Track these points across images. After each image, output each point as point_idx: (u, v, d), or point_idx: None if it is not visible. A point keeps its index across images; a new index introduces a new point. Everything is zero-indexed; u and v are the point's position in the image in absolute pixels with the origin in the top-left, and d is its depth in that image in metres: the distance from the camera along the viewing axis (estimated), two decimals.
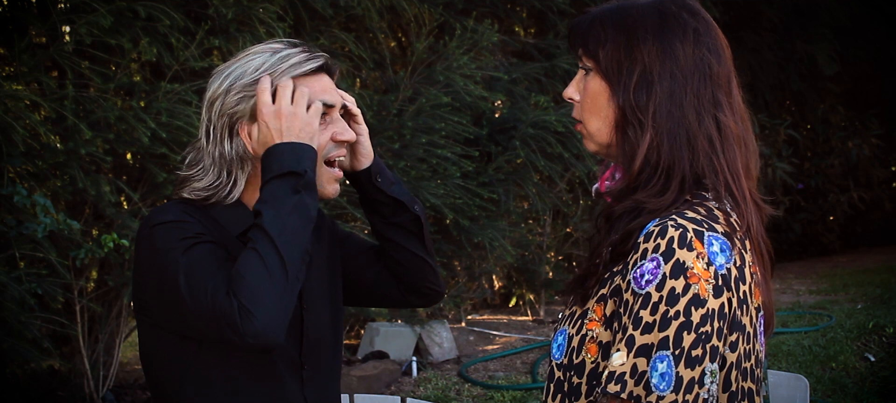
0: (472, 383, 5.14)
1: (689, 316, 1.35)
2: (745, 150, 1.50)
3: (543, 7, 6.42)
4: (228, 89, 1.68)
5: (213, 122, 1.69)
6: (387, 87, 5.55)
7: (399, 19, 5.65)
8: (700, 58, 1.46)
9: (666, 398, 1.34)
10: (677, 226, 1.38)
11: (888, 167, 10.69)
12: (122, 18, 3.84)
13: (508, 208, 5.95)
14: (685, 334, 1.34)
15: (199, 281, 1.56)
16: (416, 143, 5.18)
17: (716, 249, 1.38)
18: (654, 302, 1.36)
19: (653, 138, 1.44)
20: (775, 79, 9.30)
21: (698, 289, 1.35)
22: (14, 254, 3.74)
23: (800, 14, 9.25)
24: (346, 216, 5.09)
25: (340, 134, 1.72)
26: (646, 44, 1.46)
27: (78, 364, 4.30)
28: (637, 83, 1.46)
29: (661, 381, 1.34)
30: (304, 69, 1.69)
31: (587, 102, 1.51)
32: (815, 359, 5.23)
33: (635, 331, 1.36)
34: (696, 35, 1.48)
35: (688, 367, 1.35)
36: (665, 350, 1.35)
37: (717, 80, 1.47)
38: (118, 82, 3.93)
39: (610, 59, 1.48)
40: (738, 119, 1.50)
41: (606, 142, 1.51)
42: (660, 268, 1.36)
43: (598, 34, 1.50)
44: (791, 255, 9.73)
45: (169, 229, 1.61)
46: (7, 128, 3.50)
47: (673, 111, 1.45)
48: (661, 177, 1.44)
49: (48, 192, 3.88)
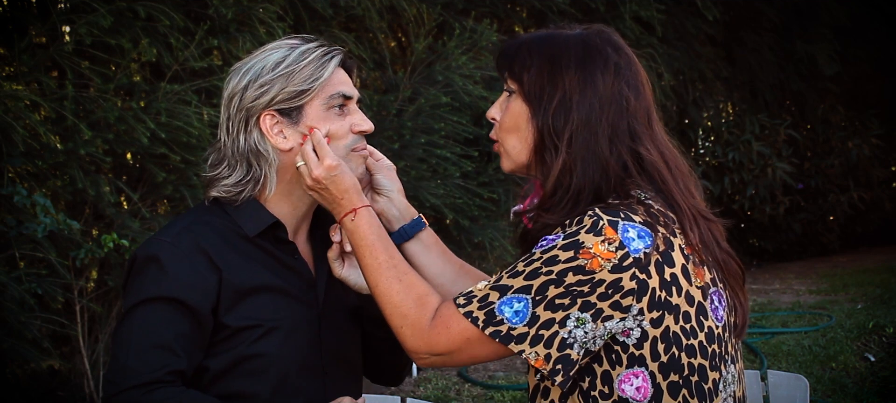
0: (472, 383, 5.14)
1: (562, 277, 1.45)
2: (678, 174, 1.57)
3: (543, 7, 6.42)
4: (247, 85, 1.71)
5: (231, 118, 1.73)
6: (387, 87, 5.55)
7: (399, 19, 5.64)
8: (618, 90, 1.54)
9: (517, 329, 1.45)
10: (593, 215, 1.47)
11: (888, 167, 10.68)
12: (122, 18, 3.83)
13: (508, 208, 5.94)
14: (552, 287, 1.45)
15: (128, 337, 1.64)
16: (415, 143, 5.18)
17: (632, 235, 1.46)
18: (533, 259, 1.47)
19: (566, 161, 1.52)
20: (775, 79, 9.29)
21: (586, 264, 1.44)
22: (14, 254, 3.74)
23: (800, 14, 9.24)
24: None
25: (358, 124, 1.76)
26: (568, 72, 1.54)
27: (78, 364, 4.29)
28: (556, 108, 1.53)
29: (515, 316, 1.46)
30: (322, 64, 1.72)
31: (507, 122, 1.60)
32: (815, 359, 5.23)
33: (504, 273, 1.49)
34: (617, 69, 1.55)
35: (548, 310, 1.45)
36: (525, 294, 1.46)
37: (634, 113, 1.55)
38: (118, 82, 3.93)
39: (533, 84, 1.56)
40: (663, 148, 1.58)
41: (524, 162, 1.60)
42: (556, 239, 1.47)
43: (524, 59, 1.57)
44: (791, 255, 9.73)
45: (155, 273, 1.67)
46: (7, 128, 3.50)
47: (588, 138, 1.52)
48: (570, 200, 1.52)
49: (48, 192, 3.88)
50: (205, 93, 4.09)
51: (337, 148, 1.73)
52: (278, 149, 1.72)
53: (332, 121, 1.73)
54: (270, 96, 1.69)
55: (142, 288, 1.67)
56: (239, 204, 1.74)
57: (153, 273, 1.66)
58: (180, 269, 1.66)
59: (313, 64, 1.71)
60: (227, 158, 1.74)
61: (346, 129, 1.74)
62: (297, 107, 1.71)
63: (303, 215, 1.80)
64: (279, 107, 1.70)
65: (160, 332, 1.64)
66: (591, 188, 1.52)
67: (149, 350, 1.62)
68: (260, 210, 1.74)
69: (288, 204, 1.77)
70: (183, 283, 1.66)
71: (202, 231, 1.71)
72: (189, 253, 1.67)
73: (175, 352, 1.63)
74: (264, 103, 1.70)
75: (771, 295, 7.31)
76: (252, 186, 1.73)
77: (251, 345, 1.69)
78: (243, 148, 1.72)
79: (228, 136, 1.74)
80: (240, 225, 1.73)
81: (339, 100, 1.74)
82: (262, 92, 1.70)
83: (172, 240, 1.69)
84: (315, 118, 1.72)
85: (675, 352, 1.48)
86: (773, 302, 7.04)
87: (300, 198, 1.77)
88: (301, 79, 1.70)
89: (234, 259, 1.70)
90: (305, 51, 1.72)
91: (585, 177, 1.52)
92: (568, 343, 1.45)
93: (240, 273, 1.70)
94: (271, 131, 1.71)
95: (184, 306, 1.65)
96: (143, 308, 1.65)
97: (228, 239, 1.72)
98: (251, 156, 1.72)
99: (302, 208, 1.79)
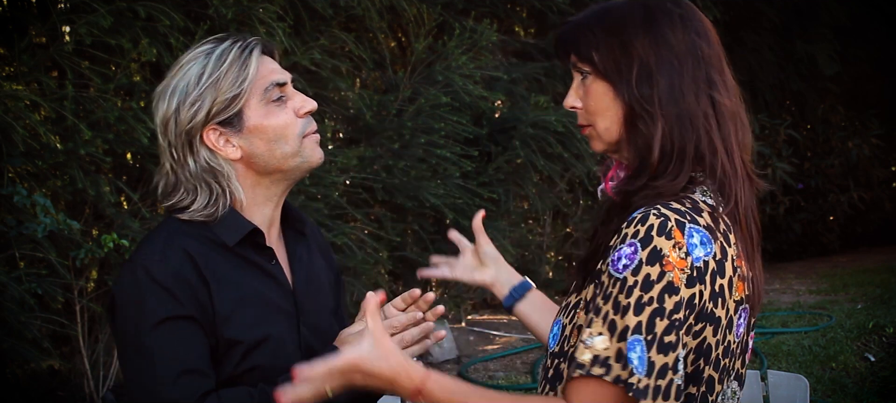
0: (473, 383, 5.14)
1: (662, 302, 1.38)
2: (740, 126, 1.54)
3: (543, 7, 6.42)
4: (178, 107, 1.66)
5: (173, 143, 1.67)
6: (387, 87, 5.55)
7: (399, 19, 5.64)
8: (690, 42, 1.50)
9: (642, 381, 1.36)
10: (659, 215, 1.41)
11: (888, 167, 10.68)
12: (122, 18, 3.83)
13: (508, 208, 5.94)
14: (658, 320, 1.37)
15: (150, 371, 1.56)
16: (415, 143, 5.18)
17: (696, 241, 1.41)
18: (630, 287, 1.39)
19: (664, 126, 1.47)
20: (775, 79, 9.29)
21: (672, 277, 1.38)
22: (14, 254, 3.74)
23: (800, 14, 9.25)
24: (346, 216, 5.09)
25: (302, 107, 1.71)
26: (638, 38, 1.49)
27: (78, 364, 4.29)
28: (638, 77, 1.48)
29: (639, 365, 1.37)
30: (244, 61, 1.67)
31: (591, 104, 1.54)
32: (815, 359, 5.23)
33: (616, 316, 1.39)
34: (682, 21, 1.51)
35: (660, 353, 1.37)
36: (638, 335, 1.37)
37: (708, 61, 1.51)
38: (118, 82, 3.93)
39: (606, 60, 1.50)
40: (732, 95, 1.54)
41: (615, 140, 1.54)
42: (637, 254, 1.40)
43: (588, 38, 1.53)
44: (791, 255, 9.73)
45: (155, 293, 1.59)
46: (7, 128, 3.50)
47: (675, 96, 1.48)
48: (675, 163, 1.47)
49: (48, 192, 3.88)
50: None
51: (289, 139, 1.69)
52: (230, 160, 1.68)
53: (275, 114, 1.68)
54: (205, 111, 1.64)
55: (147, 312, 1.59)
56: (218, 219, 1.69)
57: (152, 294, 1.59)
58: (178, 286, 1.61)
59: (235, 64, 1.66)
60: (183, 183, 1.69)
61: (291, 117, 1.69)
62: (235, 113, 1.66)
63: (272, 213, 1.76)
64: (218, 119, 1.65)
65: (186, 355, 1.58)
66: (692, 145, 1.47)
67: (180, 378, 1.56)
68: (237, 217, 1.70)
69: (256, 206, 1.73)
70: (186, 298, 1.60)
71: (186, 242, 1.65)
72: (180, 267, 1.62)
73: (205, 373, 1.59)
74: (202, 120, 1.64)
75: (771, 295, 7.31)
76: (223, 202, 1.68)
77: (245, 360, 1.65)
78: (196, 170, 1.66)
79: (176, 163, 1.68)
80: (217, 234, 1.68)
81: (274, 90, 1.68)
82: (195, 109, 1.64)
83: (159, 257, 1.62)
84: (257, 116, 1.67)
85: (700, 364, 1.45)
86: (773, 302, 7.04)
87: (266, 196, 1.73)
88: (228, 84, 1.64)
89: (218, 271, 1.66)
90: (222, 53, 1.66)
91: (683, 136, 1.47)
92: (678, 386, 1.40)
93: (227, 286, 1.66)
94: (218, 145, 1.67)
95: (196, 322, 1.61)
96: (158, 332, 1.58)
97: (210, 250, 1.67)
98: (207, 176, 1.67)
99: (270, 207, 1.75)
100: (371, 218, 5.26)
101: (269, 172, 1.71)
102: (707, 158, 1.48)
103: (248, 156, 1.69)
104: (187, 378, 1.56)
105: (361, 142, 5.25)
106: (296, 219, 1.83)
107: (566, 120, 5.56)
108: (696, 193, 1.48)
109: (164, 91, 1.68)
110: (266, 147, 1.68)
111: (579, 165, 5.93)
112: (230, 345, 1.64)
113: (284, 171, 1.71)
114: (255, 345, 1.65)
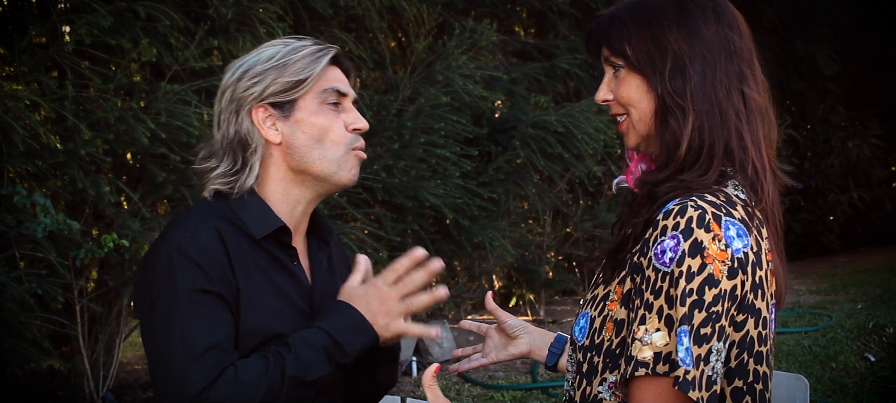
0: (472, 383, 5.14)
1: (701, 294, 1.37)
2: (767, 121, 1.53)
3: (543, 7, 6.42)
4: (240, 77, 1.70)
5: (223, 110, 1.71)
6: (387, 87, 5.55)
7: (399, 19, 5.64)
8: (723, 35, 1.50)
9: (690, 373, 1.36)
10: (697, 207, 1.40)
11: (888, 167, 10.69)
12: (122, 18, 3.83)
13: (508, 208, 5.94)
14: (696, 312, 1.37)
15: (180, 341, 1.56)
16: (415, 143, 5.18)
17: (733, 233, 1.41)
18: (676, 278, 1.38)
19: (694, 121, 1.47)
20: (775, 79, 9.29)
21: (712, 270, 1.37)
22: (14, 254, 3.74)
23: (800, 14, 9.25)
24: (346, 216, 5.09)
25: (354, 122, 1.74)
26: (671, 31, 1.49)
27: (78, 364, 4.29)
28: (671, 71, 1.48)
29: (687, 356, 1.36)
30: (316, 58, 1.71)
31: (624, 96, 1.53)
32: (815, 359, 5.23)
33: (671, 310, 1.38)
34: (716, 14, 1.51)
35: (696, 344, 1.37)
36: (684, 326, 1.37)
37: (740, 54, 1.51)
38: (118, 82, 3.93)
39: (639, 53, 1.50)
40: (762, 90, 1.53)
41: (646, 133, 1.53)
42: (679, 246, 1.39)
43: (620, 32, 1.52)
44: (791, 255, 9.57)
45: (187, 267, 1.59)
46: (7, 128, 3.50)
47: (707, 91, 1.47)
48: (704, 158, 1.47)
49: (48, 192, 3.88)
50: (205, 94, 4.09)
51: (336, 147, 1.71)
52: (266, 140, 1.70)
53: (326, 115, 1.71)
54: (262, 87, 1.68)
55: (179, 283, 1.58)
56: (240, 199, 1.71)
57: (184, 267, 1.59)
58: (210, 263, 1.61)
59: (307, 58, 1.70)
60: (216, 151, 1.72)
61: (341, 127, 1.72)
62: (289, 101, 1.69)
63: (300, 216, 1.77)
64: (272, 99, 1.68)
65: (213, 330, 1.58)
66: (721, 142, 1.47)
67: (205, 353, 1.56)
68: (267, 211, 1.71)
69: (286, 204, 1.74)
70: (217, 277, 1.60)
71: (218, 224, 1.66)
72: (212, 246, 1.62)
73: (228, 351, 1.58)
74: (256, 94, 1.68)
75: None
76: (239, 179, 1.70)
77: (256, 351, 1.64)
78: (231, 137, 1.70)
79: (219, 130, 1.71)
80: (245, 224, 1.69)
81: (333, 95, 1.72)
82: (254, 82, 1.68)
83: (192, 236, 1.63)
84: (308, 111, 1.70)
85: (744, 357, 1.43)
86: None
87: (298, 198, 1.74)
88: (294, 70, 1.68)
89: (244, 259, 1.67)
90: (299, 46, 1.72)
91: (713, 132, 1.46)
92: (709, 377, 1.38)
93: (252, 274, 1.67)
94: (263, 124, 1.69)
95: (224, 300, 1.61)
96: (188, 303, 1.58)
97: (238, 237, 1.68)
98: (237, 146, 1.70)
99: (299, 209, 1.76)
100: (371, 218, 5.26)
101: (302, 170, 1.72)
102: (736, 154, 1.47)
103: (287, 145, 1.71)
104: (212, 354, 1.56)
105: None
106: (322, 228, 1.85)
107: (566, 120, 5.56)
108: (728, 187, 1.48)
109: (234, 64, 1.74)
110: (306, 141, 1.70)
111: (579, 165, 5.93)
112: (248, 333, 1.64)
113: (316, 176, 1.72)
114: (270, 339, 1.65)
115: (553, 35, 6.56)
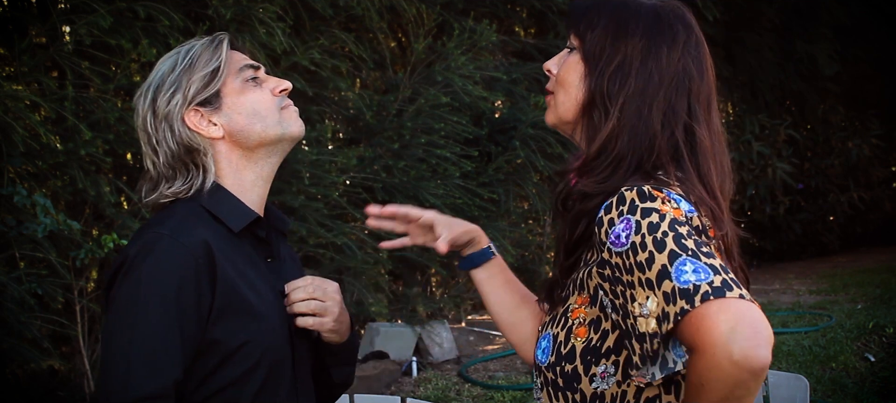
0: (473, 383, 5.14)
1: (676, 229, 1.35)
2: (720, 169, 1.52)
3: (543, 7, 6.42)
4: (154, 98, 1.69)
5: (153, 135, 1.69)
6: (387, 87, 5.56)
7: (399, 19, 5.65)
8: (683, 67, 1.50)
9: (714, 281, 1.28)
10: (632, 188, 1.40)
11: (888, 167, 10.69)
12: (121, 19, 3.84)
13: (508, 208, 5.94)
14: (684, 241, 1.34)
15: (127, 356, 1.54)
16: (415, 143, 5.18)
17: (678, 197, 1.41)
18: (641, 244, 1.35)
19: (614, 127, 1.48)
20: (775, 79, 9.30)
21: (673, 214, 1.36)
22: (14, 254, 3.74)
23: (800, 14, 9.25)
24: (346, 216, 5.09)
25: (276, 87, 1.75)
26: (633, 38, 1.50)
27: (78, 364, 4.30)
28: (613, 72, 1.49)
29: (702, 272, 1.30)
30: (214, 47, 1.71)
31: (562, 75, 1.56)
32: (815, 359, 5.23)
33: (646, 273, 1.33)
34: (685, 46, 1.51)
35: (706, 257, 1.32)
36: (679, 257, 1.32)
37: (696, 95, 1.51)
38: (118, 83, 3.93)
39: (594, 44, 1.52)
40: (714, 137, 1.52)
41: (569, 120, 1.56)
42: (630, 223, 1.37)
43: (592, 18, 1.54)
44: (791, 255, 9.73)
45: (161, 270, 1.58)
46: (7, 128, 3.50)
47: (641, 108, 1.48)
48: (610, 166, 1.47)
49: (48, 192, 3.88)
50: None
51: (272, 112, 1.71)
52: (212, 139, 1.70)
53: (252, 91, 1.72)
54: (183, 93, 1.68)
55: (141, 284, 1.56)
56: (210, 196, 1.69)
57: (151, 267, 1.57)
58: (185, 265, 1.58)
59: (208, 50, 1.71)
60: (163, 175, 1.70)
61: (268, 95, 1.73)
62: (214, 93, 1.70)
63: (261, 196, 1.76)
64: (198, 99, 1.68)
65: (167, 336, 1.56)
66: (635, 158, 1.46)
67: (155, 357, 1.54)
68: (238, 202, 1.71)
69: (249, 193, 1.73)
70: (185, 280, 1.58)
71: (201, 222, 1.65)
72: (191, 246, 1.60)
73: (177, 362, 1.56)
74: (180, 102, 1.68)
75: (771, 295, 7.31)
76: (201, 179, 1.70)
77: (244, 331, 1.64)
78: (175, 153, 1.68)
79: (159, 155, 1.69)
80: (222, 219, 1.68)
81: (248, 71, 1.73)
82: (172, 93, 1.68)
83: (170, 232, 1.60)
84: (234, 94, 1.70)
85: None
86: (773, 302, 7.04)
87: (256, 178, 1.74)
88: (202, 65, 1.69)
89: (227, 258, 1.65)
90: (192, 45, 1.72)
91: (631, 147, 1.47)
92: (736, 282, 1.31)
93: (236, 274, 1.65)
94: (200, 125, 1.69)
95: (186, 307, 1.58)
96: (144, 307, 1.56)
97: (219, 235, 1.66)
98: (184, 157, 1.69)
99: (258, 190, 1.75)
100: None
101: (253, 148, 1.73)
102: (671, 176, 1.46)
103: (230, 133, 1.71)
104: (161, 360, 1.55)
105: (361, 142, 5.26)
106: (278, 219, 1.84)
107: None
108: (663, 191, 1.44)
109: (139, 93, 1.73)
110: (245, 120, 1.71)
111: None
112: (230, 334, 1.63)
113: (267, 145, 1.73)
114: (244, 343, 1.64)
115: (553, 35, 6.56)
